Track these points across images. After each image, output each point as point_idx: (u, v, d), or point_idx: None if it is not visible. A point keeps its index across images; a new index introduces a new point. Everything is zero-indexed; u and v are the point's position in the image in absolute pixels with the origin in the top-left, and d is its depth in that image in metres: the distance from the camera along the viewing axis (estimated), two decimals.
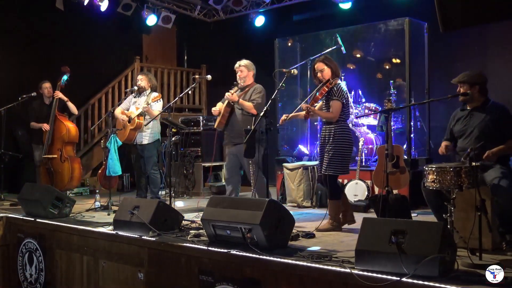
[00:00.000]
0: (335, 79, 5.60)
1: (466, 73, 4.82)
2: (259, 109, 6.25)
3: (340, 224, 5.61)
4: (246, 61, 6.58)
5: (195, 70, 11.96)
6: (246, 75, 6.50)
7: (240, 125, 6.27)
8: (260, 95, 6.37)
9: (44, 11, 9.81)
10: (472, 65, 7.72)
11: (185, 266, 4.75)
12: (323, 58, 5.73)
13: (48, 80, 8.53)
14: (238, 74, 6.54)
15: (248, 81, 6.52)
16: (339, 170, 5.55)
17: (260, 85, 6.52)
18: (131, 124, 7.31)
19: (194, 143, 9.65)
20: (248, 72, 6.51)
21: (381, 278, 3.52)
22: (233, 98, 6.32)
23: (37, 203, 6.41)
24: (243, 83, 6.53)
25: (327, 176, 5.53)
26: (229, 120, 6.52)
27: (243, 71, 6.50)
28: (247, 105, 6.30)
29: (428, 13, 7.50)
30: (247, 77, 6.51)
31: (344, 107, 5.57)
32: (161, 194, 7.71)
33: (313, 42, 9.52)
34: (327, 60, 5.68)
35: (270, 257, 4.16)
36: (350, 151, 5.70)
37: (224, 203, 4.77)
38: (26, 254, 6.45)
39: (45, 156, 8.06)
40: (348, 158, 5.66)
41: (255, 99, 6.33)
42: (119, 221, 5.41)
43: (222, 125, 6.57)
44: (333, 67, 5.63)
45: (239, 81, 6.55)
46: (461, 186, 3.99)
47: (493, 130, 4.67)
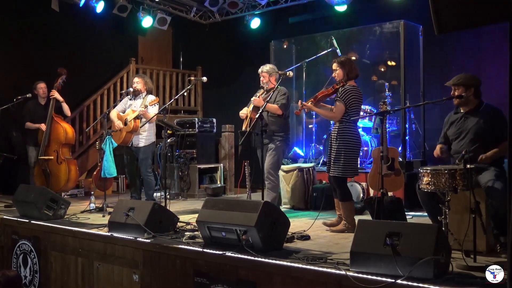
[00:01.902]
0: (348, 81, 5.67)
1: (461, 76, 4.83)
2: (284, 110, 6.51)
3: (354, 226, 5.62)
4: (268, 66, 6.79)
5: (191, 72, 11.95)
6: (268, 79, 6.71)
7: (268, 127, 6.47)
8: (285, 96, 6.55)
9: (39, 12, 9.79)
10: (467, 67, 7.76)
11: (180, 268, 4.74)
12: (339, 59, 5.83)
13: (42, 81, 8.51)
14: (261, 79, 6.75)
15: (271, 85, 6.70)
16: (346, 172, 5.60)
17: (283, 88, 6.70)
18: (127, 126, 7.30)
19: (189, 145, 9.65)
20: (270, 77, 6.70)
21: (376, 280, 3.53)
22: (260, 102, 6.43)
23: (32, 204, 6.39)
24: (266, 86, 6.74)
25: (334, 178, 5.62)
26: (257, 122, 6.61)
27: (265, 76, 6.72)
28: (272, 107, 6.46)
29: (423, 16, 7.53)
30: (269, 82, 6.72)
31: (349, 109, 5.61)
32: (156, 196, 7.70)
33: (309, 44, 9.55)
34: (341, 62, 5.76)
35: (265, 259, 4.16)
36: (355, 152, 5.73)
37: (220, 205, 4.77)
38: (20, 256, 6.43)
39: (42, 158, 8.03)
40: (354, 159, 5.71)
41: (279, 101, 6.50)
42: (114, 222, 5.41)
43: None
44: (347, 69, 5.70)
45: (263, 85, 6.76)
46: (456, 188, 4.01)
47: (487, 133, 4.69)
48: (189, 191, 9.41)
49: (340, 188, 5.66)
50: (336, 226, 5.69)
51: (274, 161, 6.45)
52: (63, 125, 8.18)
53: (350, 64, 5.74)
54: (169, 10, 10.80)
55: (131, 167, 7.61)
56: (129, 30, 11.27)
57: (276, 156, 6.46)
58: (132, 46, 11.86)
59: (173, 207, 6.42)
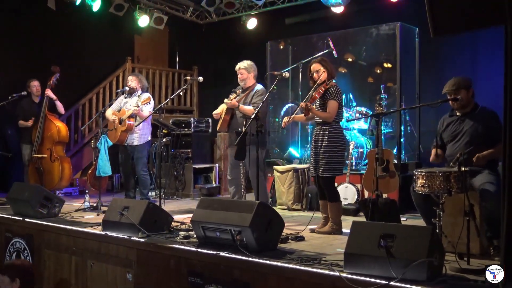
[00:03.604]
0: (331, 81, 5.63)
1: (456, 80, 4.82)
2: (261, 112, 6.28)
3: (341, 227, 5.62)
4: (246, 62, 6.58)
5: (187, 72, 11.95)
6: (246, 77, 6.52)
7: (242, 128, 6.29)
8: (261, 97, 6.34)
9: (35, 10, 9.77)
10: (462, 70, 7.78)
11: (174, 267, 4.74)
12: (320, 59, 5.77)
13: (37, 79, 8.49)
14: (238, 77, 6.56)
15: (249, 83, 6.54)
16: (335, 171, 5.58)
17: (261, 87, 6.54)
18: (122, 125, 7.29)
19: (185, 144, 9.64)
20: (249, 74, 6.52)
21: (370, 281, 3.53)
22: (234, 104, 6.35)
23: (26, 202, 6.37)
24: (244, 85, 6.55)
25: (324, 178, 5.56)
26: (231, 123, 6.57)
27: (243, 73, 6.52)
28: (247, 109, 6.32)
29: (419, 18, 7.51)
30: (247, 79, 6.53)
31: (339, 108, 5.61)
32: (151, 195, 7.69)
33: (305, 45, 9.54)
34: (323, 62, 5.71)
35: (260, 260, 4.16)
36: (344, 152, 5.76)
37: (214, 205, 4.76)
38: (14, 254, 6.40)
39: (35, 156, 8.01)
40: (342, 159, 5.72)
41: (256, 102, 6.34)
42: (108, 221, 5.39)
43: (224, 128, 6.65)
44: (330, 68, 5.66)
45: (240, 83, 6.58)
46: (450, 191, 4.02)
47: (483, 136, 4.70)
48: (184, 191, 9.40)
49: (331, 189, 5.63)
50: (322, 228, 5.67)
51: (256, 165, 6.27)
52: (57, 124, 8.17)
53: (329, 63, 5.74)
54: (165, 10, 10.80)
55: (126, 166, 7.60)
56: (126, 29, 11.25)
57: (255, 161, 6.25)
58: (128, 45, 11.85)
59: (168, 206, 6.40)
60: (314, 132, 5.77)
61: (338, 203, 5.67)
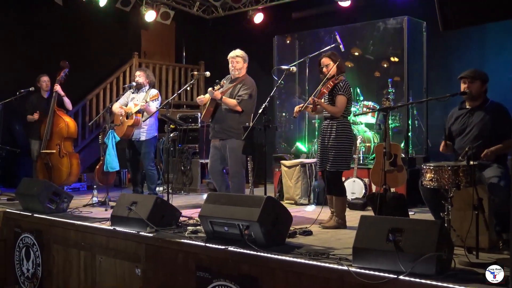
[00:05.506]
0: (341, 75, 5.61)
1: (477, 69, 4.82)
2: (245, 106, 6.17)
3: (345, 222, 5.62)
4: (241, 51, 6.36)
5: (194, 67, 11.96)
6: (241, 66, 6.30)
7: (225, 121, 6.22)
8: (248, 91, 6.19)
9: (42, 5, 9.80)
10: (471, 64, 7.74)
11: (182, 262, 4.75)
12: (330, 53, 5.74)
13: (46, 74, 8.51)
14: (233, 65, 6.31)
15: (242, 72, 6.33)
16: (343, 166, 5.57)
17: (250, 80, 6.34)
18: (129, 120, 7.30)
19: (192, 139, 9.64)
20: (244, 64, 6.32)
21: (378, 275, 3.53)
22: (216, 96, 6.17)
23: (35, 198, 6.40)
24: (237, 74, 6.33)
25: (332, 173, 5.56)
26: (215, 114, 6.36)
27: (239, 62, 6.29)
28: (230, 102, 6.16)
29: (427, 12, 7.53)
30: (242, 69, 6.32)
31: (348, 103, 5.60)
32: (158, 190, 7.72)
33: (312, 40, 9.53)
34: (333, 56, 5.68)
35: (268, 254, 4.16)
36: (352, 146, 5.77)
37: (222, 200, 4.77)
38: (23, 249, 6.45)
39: (44, 151, 8.04)
40: (350, 154, 5.72)
41: (241, 95, 6.19)
42: (117, 216, 5.41)
43: (207, 118, 6.44)
44: (339, 62, 5.63)
45: (232, 72, 6.34)
46: (459, 185, 4.00)
47: (491, 130, 4.68)
48: (192, 186, 9.42)
49: (338, 183, 5.64)
50: (328, 222, 5.67)
51: (237, 161, 6.20)
52: (65, 119, 8.18)
53: (339, 57, 5.69)
54: (172, 5, 10.80)
55: (133, 161, 7.61)
56: (132, 24, 11.27)
57: (237, 157, 6.16)
58: (135, 40, 11.88)
59: (175, 201, 6.42)
60: (322, 126, 5.75)
61: (343, 198, 5.68)
